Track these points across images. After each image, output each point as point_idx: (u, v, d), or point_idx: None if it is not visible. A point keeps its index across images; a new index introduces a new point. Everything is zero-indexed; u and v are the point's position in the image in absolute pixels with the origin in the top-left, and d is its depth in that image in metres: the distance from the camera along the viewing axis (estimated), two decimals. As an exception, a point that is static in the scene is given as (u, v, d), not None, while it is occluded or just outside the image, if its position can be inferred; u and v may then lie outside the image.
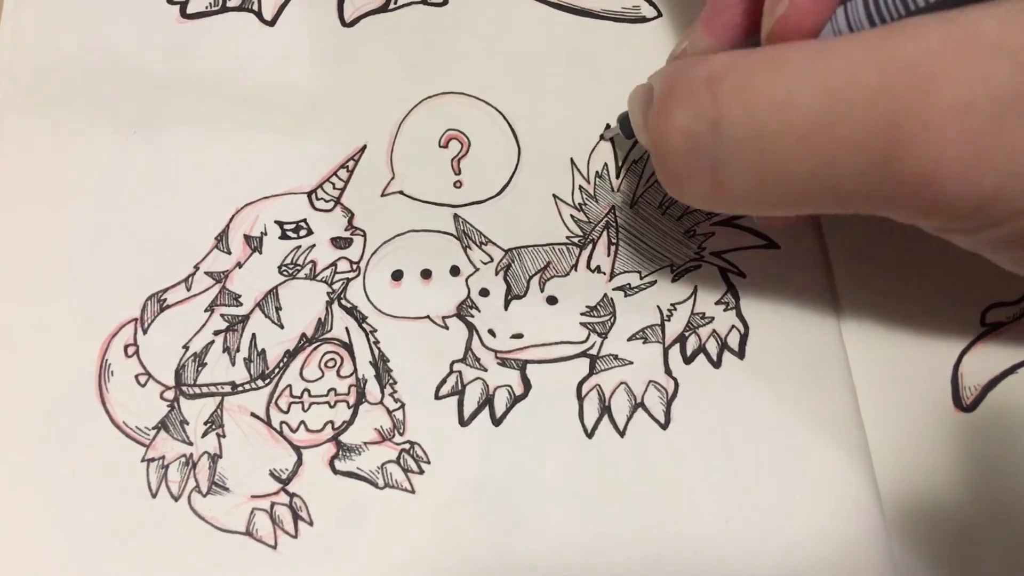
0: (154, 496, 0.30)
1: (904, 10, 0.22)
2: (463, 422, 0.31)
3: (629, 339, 0.32)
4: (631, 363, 0.31)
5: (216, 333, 0.31)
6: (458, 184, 0.33)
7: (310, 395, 0.31)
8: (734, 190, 0.24)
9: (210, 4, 0.36)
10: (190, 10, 0.36)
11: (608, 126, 0.34)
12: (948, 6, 0.22)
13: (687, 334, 0.32)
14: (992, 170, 0.21)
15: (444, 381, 0.31)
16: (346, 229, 0.32)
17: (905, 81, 0.21)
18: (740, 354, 0.31)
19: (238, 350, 0.31)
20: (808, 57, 0.22)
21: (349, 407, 0.31)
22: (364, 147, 0.33)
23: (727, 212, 0.26)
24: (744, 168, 0.23)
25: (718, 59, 0.24)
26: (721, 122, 0.23)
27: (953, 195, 0.21)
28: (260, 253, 0.32)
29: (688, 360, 0.31)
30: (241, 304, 0.32)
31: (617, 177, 0.33)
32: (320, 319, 0.31)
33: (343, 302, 0.32)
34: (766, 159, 0.23)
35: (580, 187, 0.33)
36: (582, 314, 0.32)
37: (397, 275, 0.32)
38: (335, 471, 0.30)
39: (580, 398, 0.31)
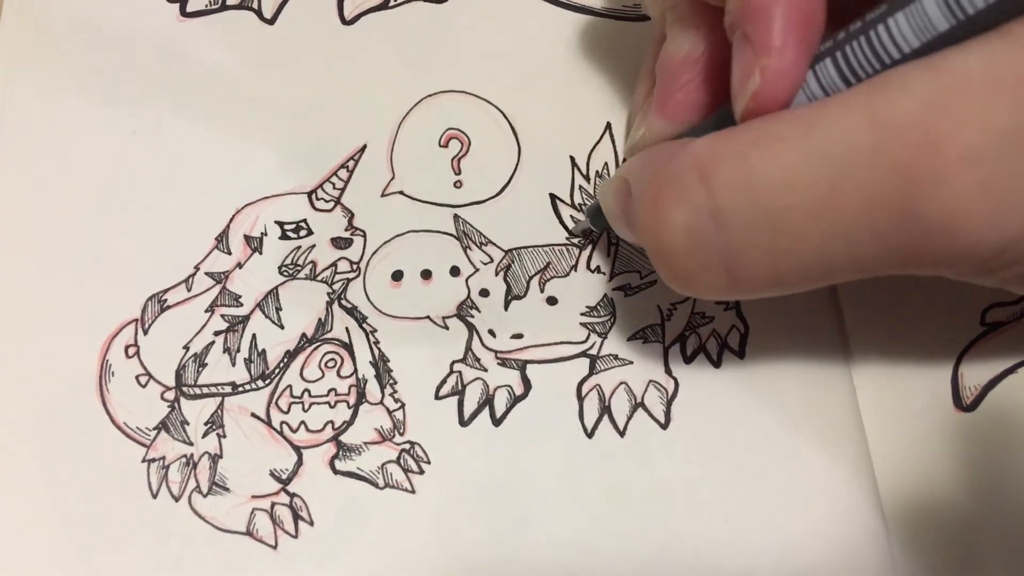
0: (155, 496, 0.30)
1: (878, 64, 0.22)
2: (463, 422, 0.31)
3: (629, 339, 0.32)
4: (631, 363, 0.31)
5: (216, 333, 0.31)
6: (458, 184, 0.33)
7: (310, 395, 0.31)
8: (749, 278, 0.23)
9: (210, 2, 0.36)
10: (190, 8, 0.35)
11: (573, 220, 0.33)
12: (922, 53, 0.21)
13: (687, 334, 0.32)
14: (1013, 210, 0.20)
15: (444, 381, 0.31)
16: (346, 229, 0.32)
17: (906, 138, 0.20)
18: (740, 354, 0.31)
19: (238, 350, 0.31)
20: (799, 128, 0.21)
21: (349, 407, 0.31)
22: (364, 147, 0.33)
23: (743, 299, 0.26)
24: (757, 255, 0.22)
25: (701, 145, 0.23)
26: (722, 212, 0.22)
27: (977, 242, 0.21)
28: (260, 253, 0.32)
29: (688, 360, 0.31)
30: (241, 304, 0.32)
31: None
32: (320, 319, 0.31)
33: (343, 302, 0.32)
34: (778, 241, 0.22)
35: (580, 187, 0.33)
36: (582, 314, 0.32)
37: (397, 275, 0.32)
38: (335, 471, 0.30)
39: (580, 398, 0.31)
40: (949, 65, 0.20)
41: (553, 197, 0.33)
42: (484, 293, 0.32)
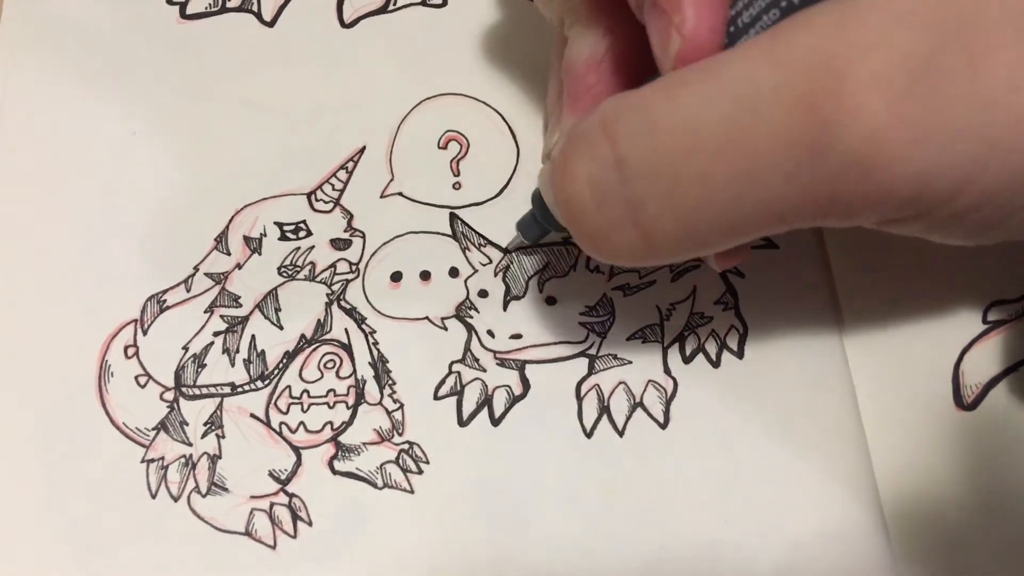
0: (154, 497, 0.30)
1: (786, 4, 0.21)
2: (462, 422, 0.31)
3: (628, 339, 0.32)
4: (630, 363, 0.31)
5: (216, 334, 0.31)
6: (457, 186, 0.33)
7: (309, 396, 0.31)
8: (660, 233, 0.22)
9: (210, 5, 0.36)
10: (190, 11, 0.36)
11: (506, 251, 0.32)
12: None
13: (686, 334, 0.32)
14: (930, 140, 0.19)
15: (443, 382, 0.31)
16: (345, 230, 0.32)
17: (807, 67, 0.19)
18: (739, 354, 0.31)
19: (237, 351, 0.31)
20: (703, 74, 0.21)
21: (348, 408, 0.31)
22: (363, 148, 0.34)
23: (662, 263, 0.24)
24: (663, 205, 0.21)
25: (609, 103, 0.22)
26: (625, 161, 0.21)
27: (896, 176, 0.19)
28: (259, 254, 0.32)
29: (687, 360, 0.31)
30: (240, 305, 0.32)
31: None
32: (319, 320, 0.32)
33: (342, 303, 0.32)
34: (683, 188, 0.21)
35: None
36: (581, 314, 0.32)
37: (396, 276, 0.32)
38: (334, 471, 0.30)
39: (579, 398, 0.31)
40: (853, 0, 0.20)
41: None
42: (483, 294, 0.32)
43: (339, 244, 0.32)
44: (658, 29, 0.23)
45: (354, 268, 0.32)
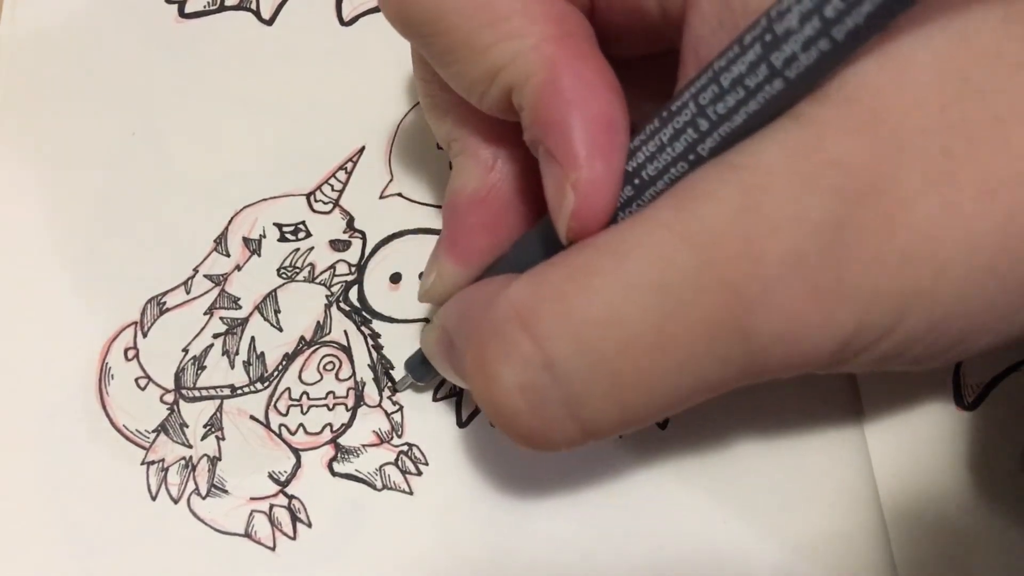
0: (154, 499, 0.30)
1: (691, 156, 0.20)
2: (461, 423, 0.31)
3: (628, 339, 0.31)
4: (630, 363, 0.31)
5: (215, 336, 0.31)
6: (456, 186, 0.33)
7: (309, 398, 0.31)
8: (601, 423, 0.21)
9: (208, 3, 0.36)
10: (188, 9, 0.36)
11: (392, 381, 0.31)
12: (724, 146, 0.20)
13: (686, 334, 0.31)
14: (844, 307, 0.19)
15: (442, 383, 0.31)
16: (344, 231, 0.32)
17: (726, 251, 0.19)
18: (739, 354, 0.31)
19: (237, 353, 0.31)
20: (613, 256, 0.20)
21: (347, 410, 0.31)
22: (362, 148, 0.33)
23: (599, 440, 0.26)
24: (602, 400, 0.20)
25: (518, 291, 0.21)
26: (555, 362, 0.20)
27: (816, 346, 0.20)
28: (259, 256, 0.32)
29: (687, 360, 0.31)
30: (240, 307, 0.32)
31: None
32: (319, 322, 0.32)
33: (342, 305, 0.32)
34: (620, 381, 0.20)
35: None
36: (581, 315, 0.32)
37: (396, 278, 0.32)
38: (333, 473, 0.30)
39: (579, 398, 0.31)
40: (748, 161, 0.19)
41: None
42: (483, 294, 0.32)
43: (338, 245, 0.32)
44: (552, 181, 0.22)
45: (353, 269, 0.32)
